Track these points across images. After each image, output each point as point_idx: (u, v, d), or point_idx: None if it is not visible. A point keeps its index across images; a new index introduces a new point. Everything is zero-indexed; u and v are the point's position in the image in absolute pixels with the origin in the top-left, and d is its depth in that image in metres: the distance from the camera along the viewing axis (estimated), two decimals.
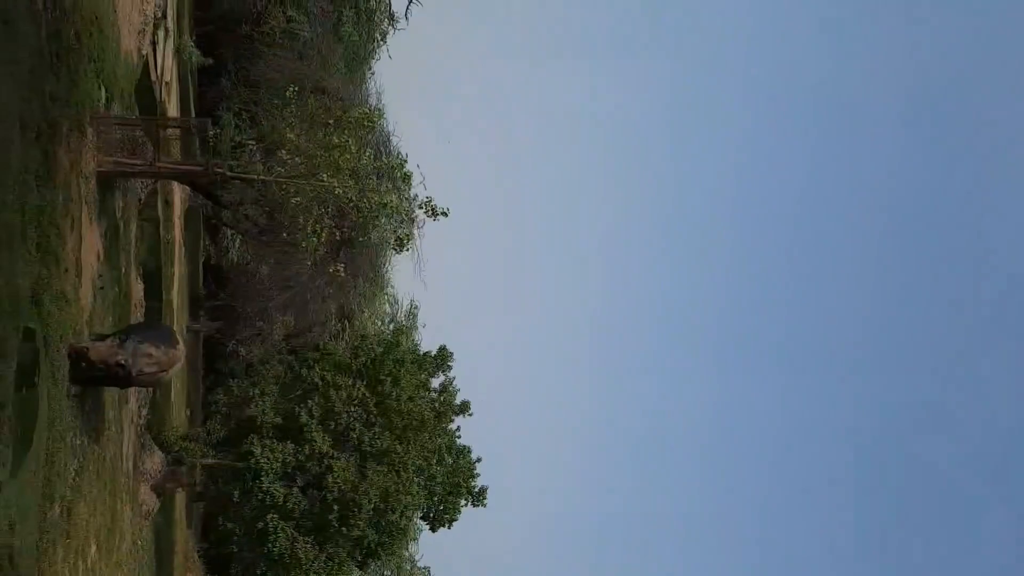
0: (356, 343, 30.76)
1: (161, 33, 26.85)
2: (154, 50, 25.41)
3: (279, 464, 25.05)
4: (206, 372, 47.09)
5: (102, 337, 13.93)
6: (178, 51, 32.83)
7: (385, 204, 17.72)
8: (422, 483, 27.84)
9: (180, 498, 31.90)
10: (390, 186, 19.41)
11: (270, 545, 24.93)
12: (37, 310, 10.79)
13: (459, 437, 30.18)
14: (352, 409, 27.17)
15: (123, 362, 13.22)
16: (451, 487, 28.61)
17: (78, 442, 13.56)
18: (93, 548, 14.66)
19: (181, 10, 35.38)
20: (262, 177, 16.93)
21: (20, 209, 9.96)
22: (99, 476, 15.44)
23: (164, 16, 27.49)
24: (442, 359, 30.64)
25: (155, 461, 24.01)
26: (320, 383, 26.94)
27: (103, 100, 16.42)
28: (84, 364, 12.94)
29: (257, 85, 37.12)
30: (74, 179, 13.42)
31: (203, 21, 45.27)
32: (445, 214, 18.47)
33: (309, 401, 26.38)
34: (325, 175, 16.70)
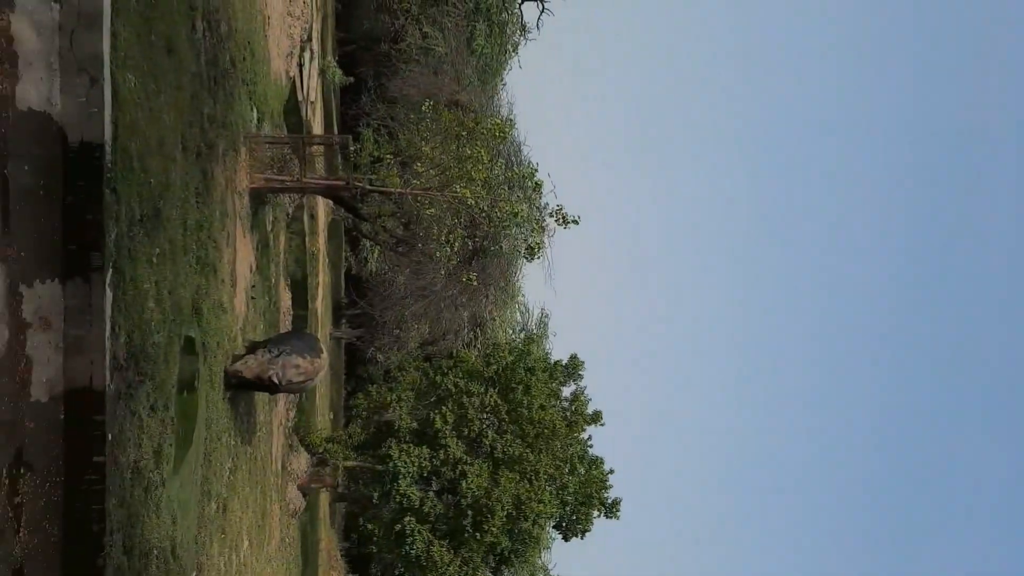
0: (488, 351, 31.17)
1: (307, 55, 28.37)
2: (300, 71, 26.90)
3: (416, 468, 25.71)
4: (347, 377, 49.29)
5: (254, 346, 14.79)
6: (322, 71, 34.62)
7: (516, 213, 17.87)
8: (554, 492, 27.79)
9: (324, 498, 33.46)
10: (521, 195, 19.57)
11: (407, 547, 25.60)
12: (197, 319, 11.58)
13: (591, 447, 29.94)
14: (485, 416, 27.54)
15: (275, 378, 14.11)
16: (583, 497, 28.39)
17: (232, 442, 14.45)
18: (245, 543, 15.56)
19: (325, 32, 37.32)
20: (399, 190, 17.48)
21: (183, 225, 10.73)
22: (251, 475, 16.40)
23: (310, 39, 29.05)
24: (573, 368, 30.53)
25: (301, 462, 25.28)
26: (454, 390, 27.46)
27: (255, 120, 17.51)
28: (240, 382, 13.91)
29: (395, 101, 38.55)
30: (229, 195, 14.36)
31: (345, 41, 47.52)
32: (576, 222, 18.39)
33: (443, 407, 26.95)
34: (458, 186, 17.04)
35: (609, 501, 29.12)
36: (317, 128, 32.57)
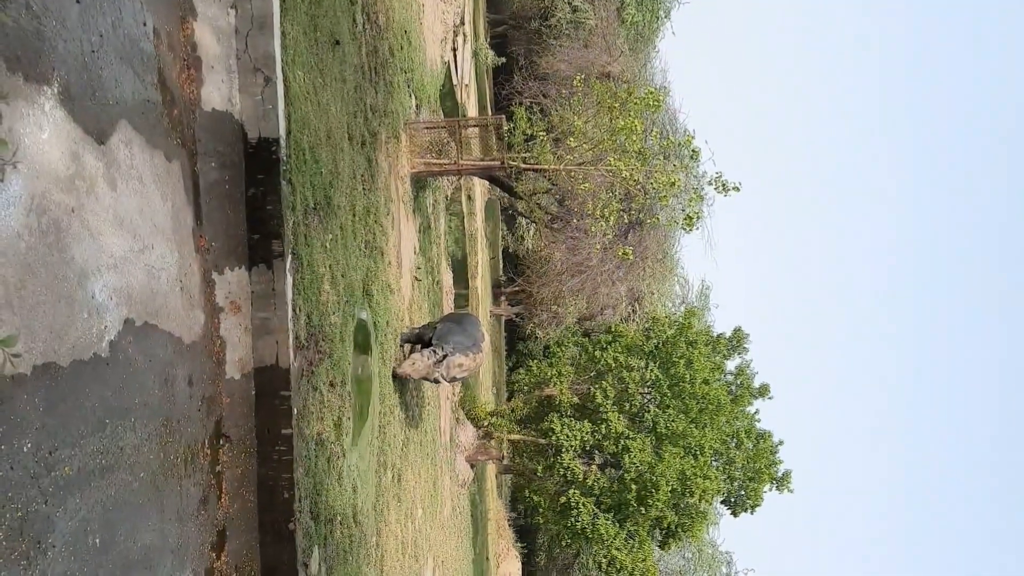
0: (647, 325, 30.76)
1: (460, 39, 28.91)
2: (454, 56, 27.46)
3: (578, 442, 25.90)
4: (508, 353, 50.38)
5: (415, 330, 15.39)
6: (475, 54, 35.19)
7: (673, 183, 17.37)
8: (720, 467, 27.13)
9: (491, 469, 34.49)
10: (677, 164, 19.00)
11: (573, 519, 25.91)
12: (368, 299, 12.17)
13: (758, 421, 28.91)
14: (646, 391, 27.25)
15: (440, 379, 14.71)
16: (752, 472, 27.52)
17: (403, 416, 15.14)
18: (419, 511, 16.31)
19: (476, 15, 37.86)
20: (553, 166, 17.49)
21: (351, 211, 11.27)
22: (421, 447, 17.13)
23: (462, 23, 29.57)
24: (737, 341, 29.54)
25: (467, 435, 26.13)
26: (613, 364, 27.35)
27: (413, 107, 18.07)
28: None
29: (546, 77, 38.58)
30: (393, 181, 14.93)
31: (496, 23, 48.02)
32: (736, 189, 17.62)
33: (603, 382, 26.92)
34: (612, 159, 16.79)
35: (779, 474, 28.09)
36: (471, 110, 33.20)
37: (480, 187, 37.93)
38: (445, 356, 14.47)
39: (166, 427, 6.56)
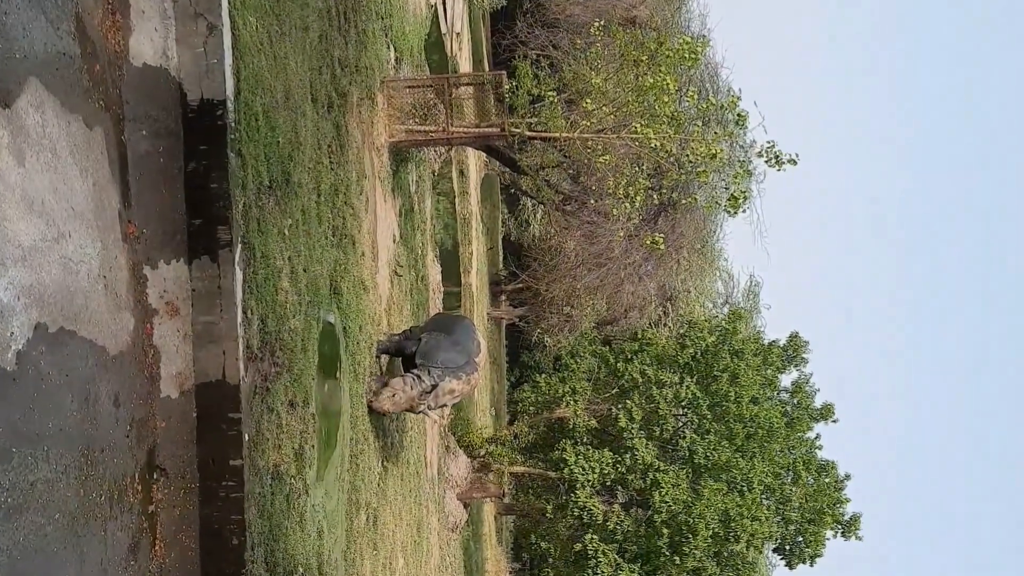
0: (682, 331, 30.83)
1: None
2: None
3: (596, 476, 25.96)
4: (510, 366, 50.47)
5: (393, 339, 15.38)
6: None
7: (714, 155, 17.39)
8: (772, 506, 27.18)
9: (488, 509, 34.56)
10: (720, 132, 19.01)
11: (591, 571, 25.99)
12: (336, 299, 12.19)
13: (820, 449, 28.97)
14: (680, 412, 27.30)
15: (426, 410, 14.72)
16: (811, 513, 27.57)
17: (380, 444, 15.17)
18: (401, 561, 16.35)
19: None
20: (565, 134, 17.51)
21: (316, 189, 11.29)
22: (403, 481, 17.17)
23: None
24: (794, 350, 29.62)
25: (460, 466, 26.18)
26: (640, 380, 27.41)
27: (392, 61, 18.08)
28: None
29: (556, 25, 38.56)
30: (366, 153, 14.95)
31: None
32: (793, 162, 17.62)
33: (628, 401, 26.98)
34: (638, 125, 16.81)
35: (846, 517, 28.16)
36: (464, 65, 33.23)
37: (476, 160, 37.94)
38: (433, 387, 14.46)
39: (87, 457, 6.57)
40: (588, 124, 17.48)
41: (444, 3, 27.85)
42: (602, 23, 20.25)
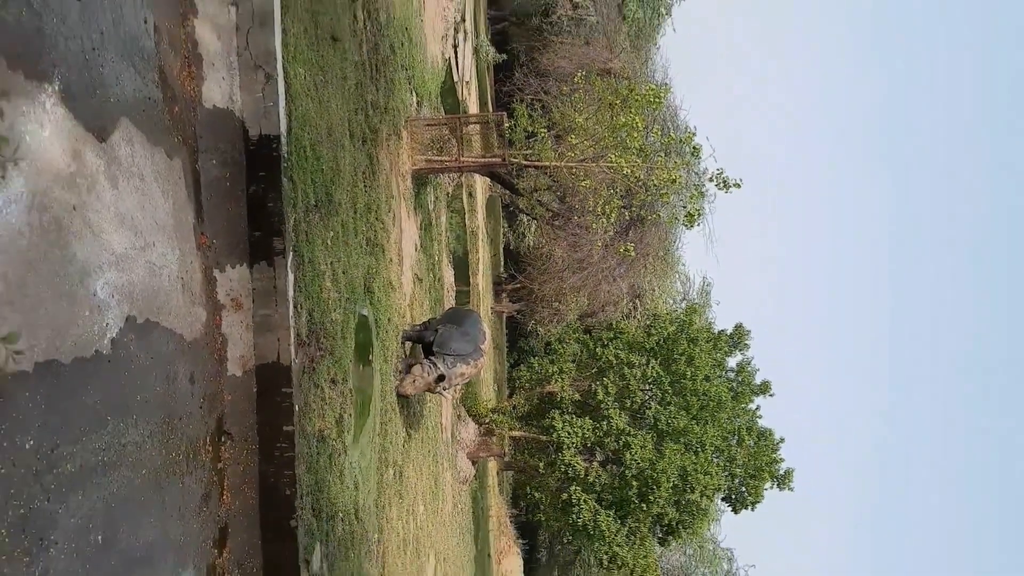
0: (648, 322, 30.78)
1: (461, 36, 28.89)
2: (455, 52, 27.44)
3: (579, 439, 25.92)
4: (510, 349, 50.40)
5: (415, 328, 15.38)
6: (476, 50, 35.17)
7: (674, 180, 17.38)
8: (721, 464, 27.14)
9: (492, 466, 34.53)
10: (679, 161, 18.98)
11: (574, 516, 25.94)
12: (369, 297, 12.18)
13: (760, 418, 28.92)
14: (647, 387, 27.26)
15: (441, 391, 14.72)
16: (753, 469, 27.54)
17: (404, 413, 15.15)
18: (421, 508, 16.33)
19: (477, 12, 37.83)
20: (554, 163, 17.48)
21: (352, 208, 11.28)
22: (423, 443, 17.15)
23: (463, 20, 29.55)
24: (738, 338, 29.53)
25: (469, 431, 26.15)
26: (614, 361, 27.36)
27: (414, 104, 18.06)
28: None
29: (547, 74, 38.54)
30: (394, 178, 14.93)
31: (497, 19, 47.96)
32: (737, 185, 17.62)
33: (605, 379, 26.93)
34: (613, 156, 16.79)
35: (781, 472, 28.11)
36: (473, 107, 33.18)
37: (481, 184, 37.92)
38: (444, 368, 14.49)
39: (168, 424, 6.57)
40: (573, 155, 17.47)
41: (456, 57, 27.80)
42: (584, 73, 20.23)
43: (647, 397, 27.01)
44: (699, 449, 25.70)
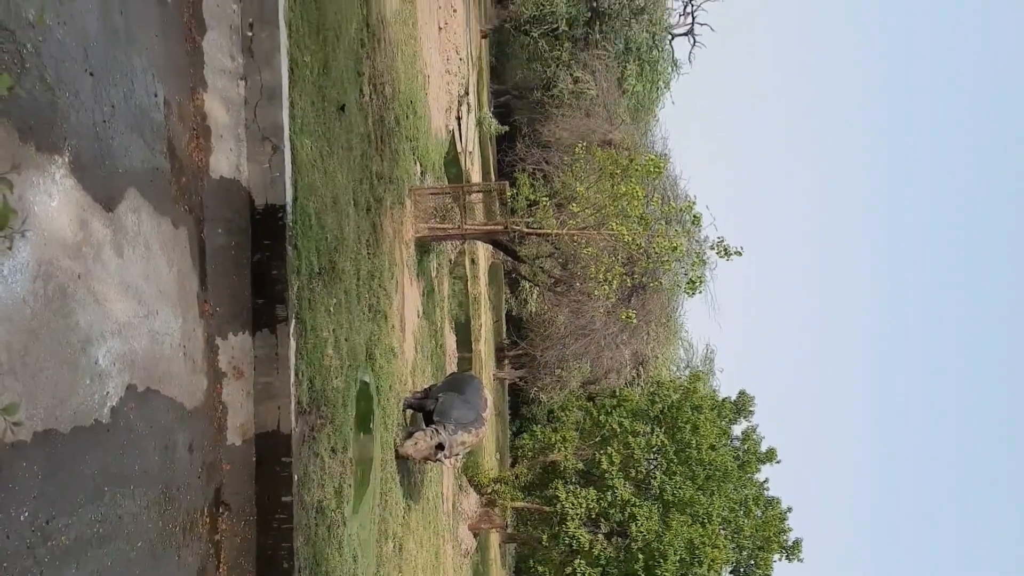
0: (652, 389, 30.55)
1: (464, 108, 29.53)
2: (459, 124, 28.00)
3: (583, 509, 25.41)
4: (512, 417, 49.85)
5: (417, 395, 15.28)
6: (479, 123, 35.90)
7: (675, 248, 17.50)
8: (728, 535, 26.55)
9: (494, 538, 33.73)
10: (679, 229, 19.16)
11: None
12: (371, 363, 12.13)
13: (767, 489, 28.42)
14: (652, 456, 26.87)
15: (442, 459, 14.56)
16: (761, 541, 26.91)
17: (405, 483, 14.90)
18: None
19: (480, 85, 38.77)
20: (556, 231, 17.64)
21: (356, 275, 11.34)
22: (423, 515, 16.81)
23: (467, 93, 30.26)
24: (742, 405, 29.28)
25: (470, 502, 25.67)
26: (618, 429, 27.04)
27: (418, 174, 18.34)
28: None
29: (548, 145, 39.22)
30: (397, 245, 15.05)
31: (500, 92, 49.12)
32: (739, 253, 17.71)
33: (609, 447, 26.57)
34: (614, 224, 16.94)
35: (789, 543, 27.47)
36: (475, 176, 33.66)
37: (484, 251, 38.16)
38: (445, 436, 14.32)
39: (165, 495, 6.46)
40: (574, 223, 17.64)
41: (460, 128, 28.37)
42: (585, 144, 20.60)
43: (652, 466, 26.61)
44: (706, 520, 25.17)
